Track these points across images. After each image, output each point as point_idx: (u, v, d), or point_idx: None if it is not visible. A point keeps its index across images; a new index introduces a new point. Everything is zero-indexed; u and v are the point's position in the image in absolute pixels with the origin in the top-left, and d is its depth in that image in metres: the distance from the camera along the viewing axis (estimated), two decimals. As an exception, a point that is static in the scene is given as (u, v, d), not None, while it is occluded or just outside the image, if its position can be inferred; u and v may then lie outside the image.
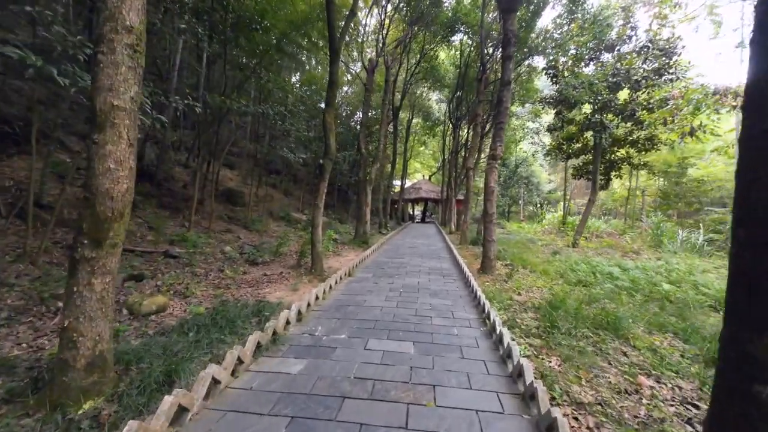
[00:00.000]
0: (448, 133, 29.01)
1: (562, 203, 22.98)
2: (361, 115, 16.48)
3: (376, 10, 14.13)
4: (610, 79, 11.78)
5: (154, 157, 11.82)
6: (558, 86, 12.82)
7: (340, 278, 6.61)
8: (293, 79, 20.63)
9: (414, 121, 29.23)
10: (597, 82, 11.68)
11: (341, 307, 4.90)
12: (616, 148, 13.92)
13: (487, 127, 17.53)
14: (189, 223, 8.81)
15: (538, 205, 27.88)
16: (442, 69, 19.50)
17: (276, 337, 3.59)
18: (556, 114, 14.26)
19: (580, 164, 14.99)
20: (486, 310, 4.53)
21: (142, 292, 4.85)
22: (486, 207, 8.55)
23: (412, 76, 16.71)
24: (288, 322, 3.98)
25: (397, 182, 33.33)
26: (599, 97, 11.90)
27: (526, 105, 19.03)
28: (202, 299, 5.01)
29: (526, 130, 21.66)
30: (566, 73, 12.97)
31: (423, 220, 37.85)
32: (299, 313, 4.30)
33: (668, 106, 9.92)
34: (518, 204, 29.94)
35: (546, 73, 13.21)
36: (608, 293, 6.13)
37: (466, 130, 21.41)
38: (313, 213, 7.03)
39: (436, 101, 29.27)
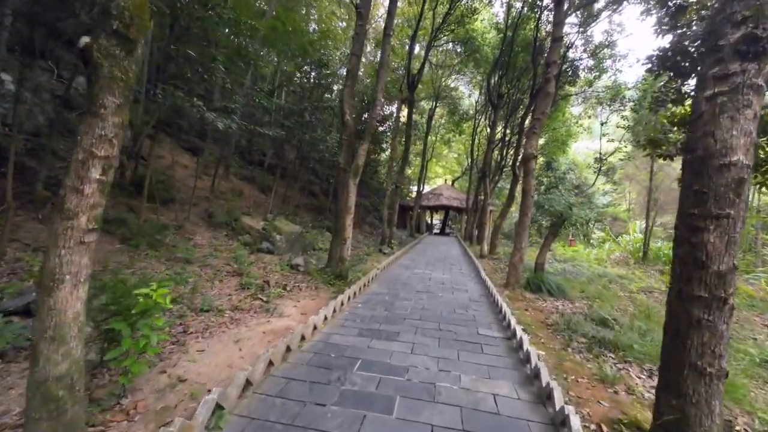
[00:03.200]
0: (480, 129, 23.86)
1: (636, 223, 17.19)
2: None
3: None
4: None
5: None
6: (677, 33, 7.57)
7: None
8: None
9: (437, 110, 24.29)
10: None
11: None
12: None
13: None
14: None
15: (591, 223, 21.88)
16: (479, 37, 14.55)
17: None
18: (670, 81, 8.88)
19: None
20: None
21: None
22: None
23: (438, 32, 11.86)
24: None
25: (412, 187, 28.37)
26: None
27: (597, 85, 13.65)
28: None
29: (592, 114, 16.16)
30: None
31: (442, 232, 32.57)
32: None
33: None
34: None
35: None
36: None
37: (505, 118, 16.23)
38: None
39: (465, 86, 24.19)
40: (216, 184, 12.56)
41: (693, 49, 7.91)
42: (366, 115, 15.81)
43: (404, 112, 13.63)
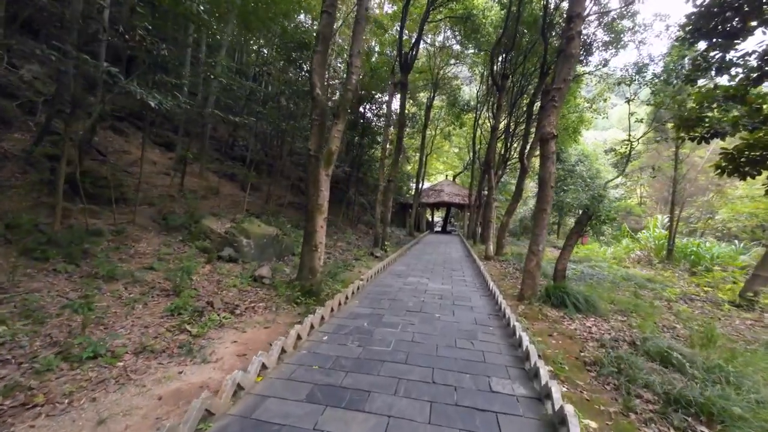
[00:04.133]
0: (482, 122, 22.34)
1: (657, 217, 15.62)
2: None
3: None
4: None
5: None
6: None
7: None
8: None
9: (435, 101, 22.79)
10: None
11: None
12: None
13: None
14: None
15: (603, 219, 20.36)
16: (479, 14, 13.04)
17: None
18: (709, 48, 7.43)
19: (743, 148, 7.99)
20: None
21: None
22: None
23: (432, 5, 10.37)
24: None
25: (412, 184, 26.89)
26: None
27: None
28: None
29: (611, 94, 14.57)
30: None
31: (444, 230, 31.14)
32: None
33: None
34: (575, 215, 22.60)
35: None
36: None
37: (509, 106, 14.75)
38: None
39: (465, 75, 22.71)
40: (186, 181, 11.20)
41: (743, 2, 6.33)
42: (362, 104, 14.41)
43: (401, 109, 12.19)
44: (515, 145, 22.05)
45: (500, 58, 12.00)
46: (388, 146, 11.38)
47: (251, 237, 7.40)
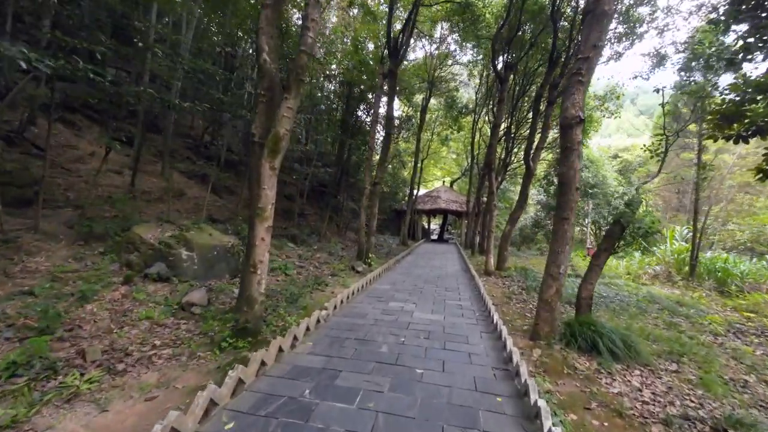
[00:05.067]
0: (481, 126, 21.11)
1: (676, 228, 14.18)
2: None
3: None
4: None
5: None
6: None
7: None
8: None
9: (432, 103, 21.54)
10: None
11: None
12: None
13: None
14: None
15: (642, 231, 18.66)
16: (478, 3, 11.82)
17: None
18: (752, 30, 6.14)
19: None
20: None
21: None
22: None
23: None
24: None
25: (408, 190, 25.48)
26: None
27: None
28: None
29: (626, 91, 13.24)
30: None
31: (441, 238, 29.69)
32: None
33: None
34: (583, 224, 21.15)
35: None
36: None
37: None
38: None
39: (463, 75, 21.57)
40: (144, 181, 9.76)
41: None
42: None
43: (389, 102, 10.84)
44: (515, 150, 20.83)
45: (502, 49, 10.70)
46: (377, 143, 9.97)
47: (195, 249, 5.91)
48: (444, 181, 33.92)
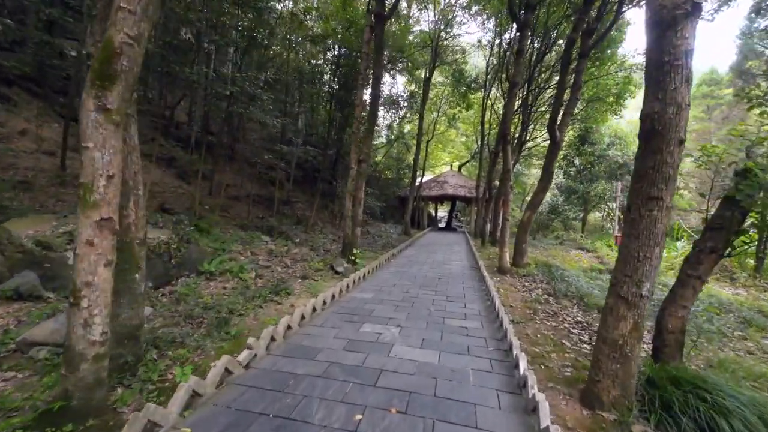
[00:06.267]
0: (492, 103, 18.79)
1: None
2: None
3: None
4: None
5: None
6: None
7: None
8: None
9: (438, 78, 19.27)
10: None
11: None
12: None
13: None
14: None
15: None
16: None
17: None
18: None
19: None
20: None
21: None
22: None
23: None
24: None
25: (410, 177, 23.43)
26: None
27: None
28: None
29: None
30: None
31: (449, 226, 27.76)
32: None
33: None
34: (609, 208, 18.85)
35: None
36: None
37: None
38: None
39: (472, 42, 19.17)
40: (78, 163, 8.09)
41: None
42: None
43: (377, 51, 8.82)
44: (532, 126, 18.50)
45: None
46: (359, 110, 8.05)
47: (93, 250, 4.23)
48: (452, 166, 31.72)
